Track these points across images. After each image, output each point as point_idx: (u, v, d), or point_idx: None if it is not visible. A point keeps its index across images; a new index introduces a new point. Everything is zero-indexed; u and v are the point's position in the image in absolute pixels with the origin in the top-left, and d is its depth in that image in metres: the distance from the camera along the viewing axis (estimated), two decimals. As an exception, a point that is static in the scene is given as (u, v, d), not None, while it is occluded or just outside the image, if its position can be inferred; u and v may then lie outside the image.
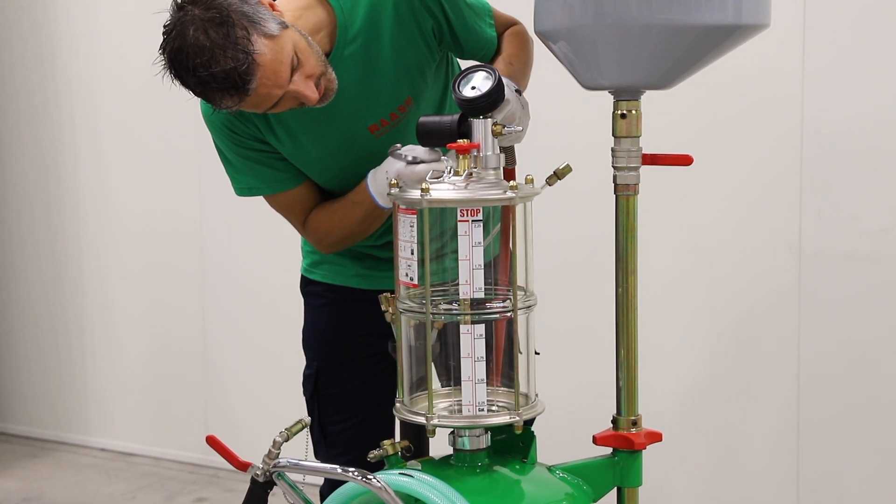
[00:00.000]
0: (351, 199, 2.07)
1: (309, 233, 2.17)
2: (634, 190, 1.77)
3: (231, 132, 2.07)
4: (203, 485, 4.06)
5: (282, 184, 2.11)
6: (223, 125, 2.07)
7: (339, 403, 2.24)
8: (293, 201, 2.14)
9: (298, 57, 1.85)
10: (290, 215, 2.16)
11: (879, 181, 2.96)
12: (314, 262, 2.29)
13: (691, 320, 3.24)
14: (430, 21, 2.03)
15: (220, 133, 2.08)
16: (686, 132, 3.09)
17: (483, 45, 2.13)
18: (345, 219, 2.09)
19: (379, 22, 2.00)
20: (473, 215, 1.64)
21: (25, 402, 4.68)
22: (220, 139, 2.10)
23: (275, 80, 1.82)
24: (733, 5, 1.67)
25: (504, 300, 1.72)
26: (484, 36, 2.12)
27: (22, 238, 4.62)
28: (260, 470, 1.71)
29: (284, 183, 2.11)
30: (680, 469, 3.28)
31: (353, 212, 2.07)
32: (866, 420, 3.03)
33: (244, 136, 2.07)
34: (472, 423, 1.69)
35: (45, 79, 4.44)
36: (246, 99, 1.82)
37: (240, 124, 2.06)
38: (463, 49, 2.11)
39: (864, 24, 2.96)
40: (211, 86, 1.79)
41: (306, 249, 2.32)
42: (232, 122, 2.06)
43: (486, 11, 2.15)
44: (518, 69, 2.08)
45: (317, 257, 2.28)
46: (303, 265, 2.33)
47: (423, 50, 2.05)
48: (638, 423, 1.80)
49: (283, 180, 2.11)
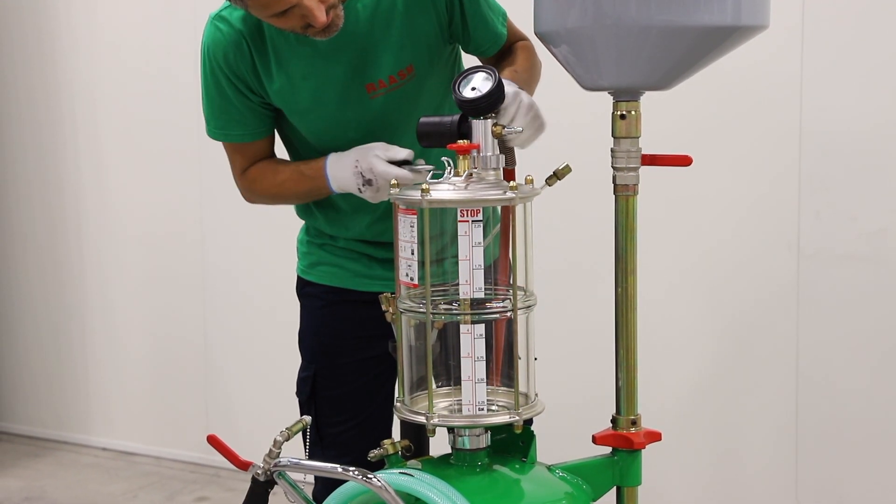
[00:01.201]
0: (302, 171, 2.11)
1: (245, 181, 2.20)
2: (634, 190, 1.77)
3: (224, 67, 2.07)
4: (204, 484, 4.07)
5: (248, 136, 2.15)
6: (221, 59, 2.07)
7: (337, 405, 2.23)
8: (247, 149, 2.17)
9: None
10: (236, 159, 2.19)
11: (878, 182, 2.97)
12: (311, 264, 2.29)
13: (691, 320, 3.25)
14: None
15: (214, 67, 2.09)
16: (685, 133, 3.10)
17: (491, 36, 2.14)
18: (286, 183, 2.13)
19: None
20: (473, 215, 1.64)
21: (27, 401, 4.69)
22: (212, 74, 2.10)
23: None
24: (732, 6, 1.67)
25: (504, 300, 1.73)
26: (494, 28, 2.13)
27: (24, 239, 4.62)
28: (261, 469, 1.72)
29: (251, 135, 2.15)
30: (679, 469, 3.28)
31: (299, 182, 2.11)
32: (865, 419, 3.04)
33: (234, 75, 2.07)
34: (472, 423, 1.70)
35: (47, 82, 4.45)
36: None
37: (235, 60, 2.06)
38: (470, 36, 2.12)
39: (862, 24, 2.97)
40: None
41: (302, 251, 2.32)
42: (228, 57, 2.06)
43: (501, 12, 2.17)
44: (523, 78, 2.07)
45: (314, 258, 2.28)
46: (299, 266, 2.33)
47: (434, 25, 2.06)
48: (637, 422, 1.80)
49: (251, 133, 2.15)
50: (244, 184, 2.21)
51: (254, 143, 2.17)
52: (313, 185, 2.09)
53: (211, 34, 2.07)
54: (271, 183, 2.16)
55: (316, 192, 2.12)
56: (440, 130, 1.78)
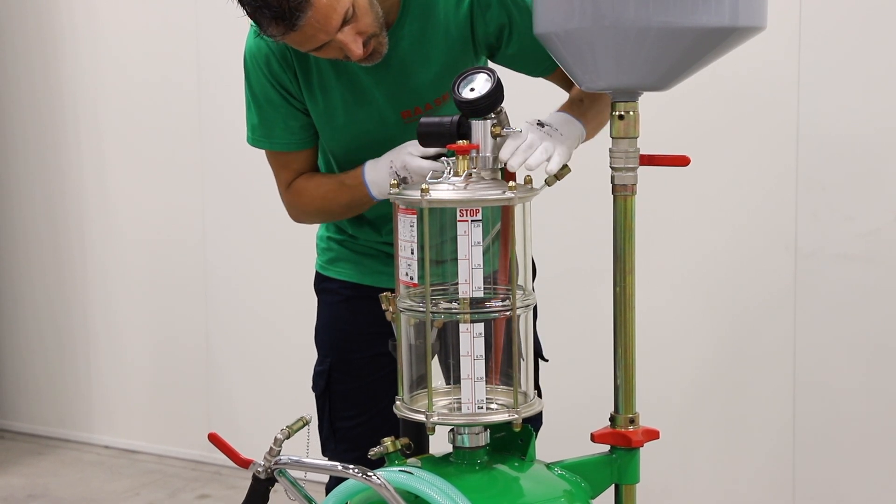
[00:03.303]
0: (342, 181, 2.10)
1: (290, 195, 2.19)
2: (632, 190, 1.78)
3: (269, 74, 2.07)
4: (205, 482, 4.08)
5: (294, 144, 2.14)
6: (264, 65, 2.07)
7: (351, 400, 2.25)
8: (292, 161, 2.16)
9: (355, 10, 1.86)
10: (282, 173, 2.18)
11: (874, 183, 2.98)
12: (330, 260, 2.30)
13: (689, 319, 3.26)
14: (496, 22, 2.03)
15: (258, 73, 2.09)
16: (683, 134, 3.11)
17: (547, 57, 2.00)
18: (328, 196, 2.12)
19: (446, 13, 2.02)
20: (473, 215, 1.65)
21: (30, 400, 4.71)
22: (256, 80, 2.10)
23: (324, 24, 1.83)
24: (729, 8, 1.68)
25: (503, 299, 1.73)
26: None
27: (27, 240, 4.63)
28: (261, 467, 1.73)
29: (297, 144, 2.14)
30: (677, 467, 3.29)
31: (340, 193, 2.10)
32: (861, 418, 3.05)
33: (278, 83, 2.08)
34: (472, 421, 1.71)
35: (50, 90, 4.46)
36: (291, 34, 1.84)
37: (279, 69, 2.07)
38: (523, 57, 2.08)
39: (859, 27, 2.98)
40: (263, 10, 1.82)
41: (322, 247, 2.33)
42: (271, 65, 2.07)
43: None
44: (588, 107, 2.00)
45: (333, 254, 2.30)
46: (318, 262, 2.34)
47: (471, 56, 2.07)
48: (635, 420, 1.82)
49: (297, 141, 2.14)
50: (289, 199, 2.19)
51: (298, 154, 2.15)
52: (354, 194, 2.07)
53: (255, 44, 2.07)
54: (314, 196, 2.15)
55: (357, 203, 2.09)
56: (440, 130, 1.79)
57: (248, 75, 2.11)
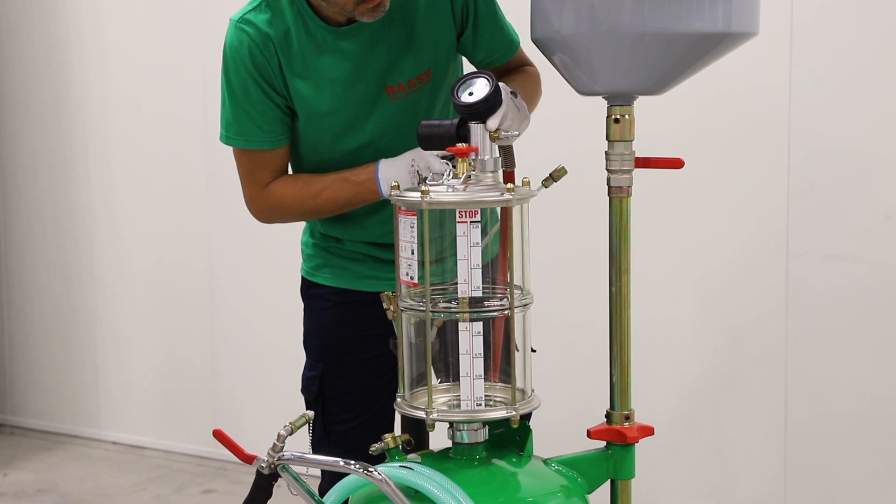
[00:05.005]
0: (346, 177, 2.07)
1: (269, 196, 2.14)
2: (627, 192, 1.81)
3: (250, 67, 2.05)
4: (211, 477, 4.11)
5: (269, 142, 2.10)
6: (246, 56, 2.05)
7: (345, 403, 2.23)
8: (268, 160, 2.12)
9: None
10: (257, 172, 2.13)
11: (864, 184, 3.00)
12: (317, 266, 2.28)
13: (682, 318, 3.28)
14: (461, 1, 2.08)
15: (238, 66, 2.06)
16: (678, 137, 3.10)
17: (504, 44, 2.15)
18: (325, 193, 2.09)
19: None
20: (472, 216, 1.67)
21: (40, 397, 4.74)
22: (235, 74, 2.07)
23: None
24: (723, 14, 1.71)
25: (501, 299, 1.76)
26: (508, 35, 2.16)
27: (35, 240, 4.67)
28: (265, 462, 1.74)
29: (272, 141, 2.10)
30: (672, 462, 3.31)
31: (341, 189, 2.08)
32: (853, 416, 3.06)
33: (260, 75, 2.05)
34: (471, 418, 1.72)
35: (60, 119, 4.51)
36: None
37: (262, 59, 2.04)
38: (479, 44, 2.13)
39: (849, 31, 3.00)
40: None
41: (307, 253, 2.31)
42: (254, 56, 2.04)
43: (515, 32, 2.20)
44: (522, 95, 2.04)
45: (319, 260, 2.27)
46: (303, 268, 2.32)
47: (452, 30, 2.10)
48: (631, 417, 1.84)
49: (273, 139, 2.10)
50: (265, 200, 2.15)
51: (275, 152, 2.12)
52: (358, 190, 2.05)
53: (236, 36, 2.05)
54: (306, 194, 2.11)
55: (358, 199, 2.08)
56: (439, 134, 1.82)
57: (227, 69, 2.08)
